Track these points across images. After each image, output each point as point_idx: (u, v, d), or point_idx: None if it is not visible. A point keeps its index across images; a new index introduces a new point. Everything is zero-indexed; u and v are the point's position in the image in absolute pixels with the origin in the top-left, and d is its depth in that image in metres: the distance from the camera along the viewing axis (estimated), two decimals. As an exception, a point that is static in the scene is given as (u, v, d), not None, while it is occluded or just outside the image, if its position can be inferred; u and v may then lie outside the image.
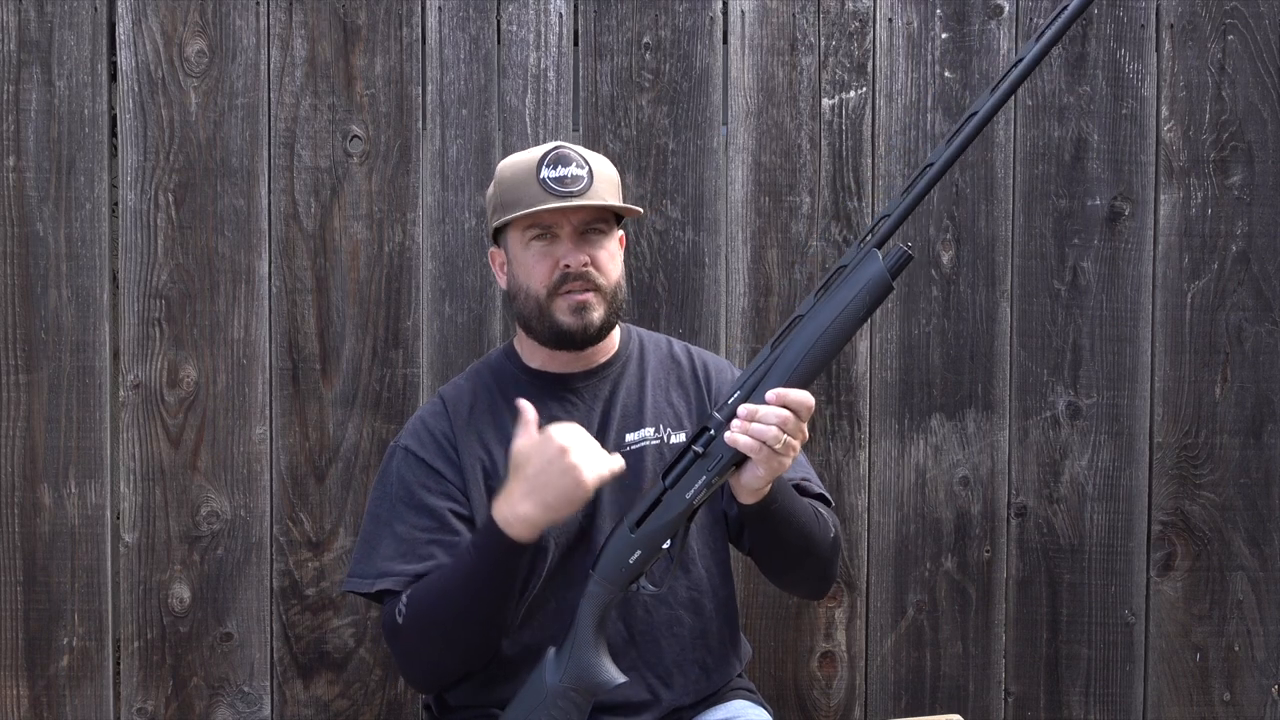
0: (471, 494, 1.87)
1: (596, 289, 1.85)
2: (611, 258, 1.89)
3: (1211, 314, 2.47)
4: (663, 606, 1.88)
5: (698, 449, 1.67)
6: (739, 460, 1.66)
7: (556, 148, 1.87)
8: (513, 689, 1.80)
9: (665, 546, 1.69)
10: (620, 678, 1.71)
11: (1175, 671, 2.49)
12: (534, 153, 1.88)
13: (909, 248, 1.63)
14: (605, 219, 1.89)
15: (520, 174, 1.87)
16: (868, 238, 1.64)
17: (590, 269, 1.85)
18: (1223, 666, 2.50)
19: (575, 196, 1.84)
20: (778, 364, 1.65)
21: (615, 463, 1.73)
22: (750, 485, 1.70)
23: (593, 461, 1.70)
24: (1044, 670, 2.48)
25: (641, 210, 1.97)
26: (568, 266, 1.84)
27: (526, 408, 1.76)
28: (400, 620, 1.79)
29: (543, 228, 1.85)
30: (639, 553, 1.69)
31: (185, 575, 2.34)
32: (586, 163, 1.87)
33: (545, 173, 1.84)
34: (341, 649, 2.36)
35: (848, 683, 2.45)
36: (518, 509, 1.70)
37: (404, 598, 1.80)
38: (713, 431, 1.67)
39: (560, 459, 1.69)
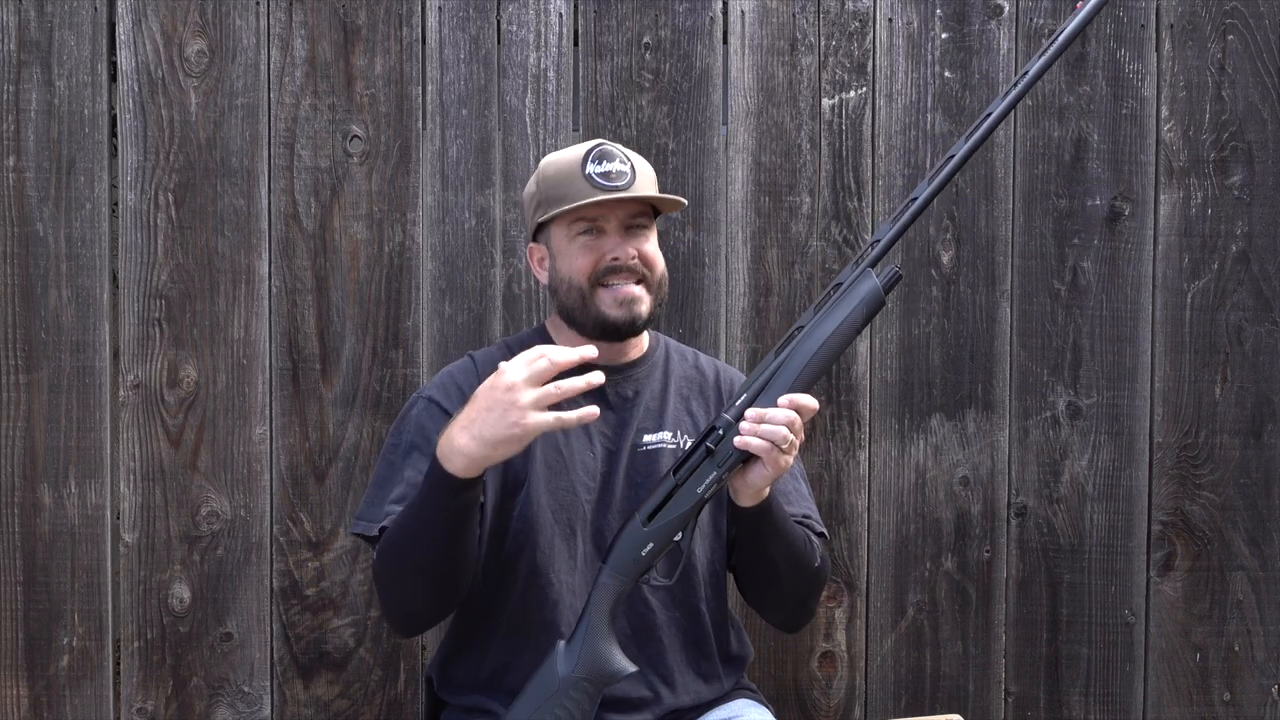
0: None
1: (644, 280, 1.89)
2: (656, 250, 1.93)
3: (1211, 314, 2.47)
4: (665, 609, 1.89)
5: (710, 445, 1.73)
6: (746, 458, 1.73)
7: (600, 145, 1.90)
8: (506, 662, 1.84)
9: (676, 539, 1.75)
10: (631, 667, 1.74)
11: (1175, 671, 2.49)
12: (577, 150, 1.91)
13: (899, 268, 1.76)
14: (646, 214, 1.92)
15: (565, 170, 1.89)
16: (861, 260, 1.75)
17: (638, 261, 1.89)
18: (1223, 666, 2.50)
19: (620, 191, 1.87)
20: (784, 371, 1.73)
21: (570, 414, 1.63)
22: (755, 484, 1.75)
23: (539, 403, 1.61)
24: (1044, 670, 2.48)
25: (685, 201, 1.99)
26: (616, 259, 1.87)
27: (590, 350, 1.68)
28: (374, 557, 1.82)
29: (589, 221, 1.88)
30: (651, 545, 1.74)
31: (185, 575, 2.34)
32: (629, 159, 1.90)
33: (591, 168, 1.87)
34: (341, 649, 2.36)
35: (848, 683, 2.45)
36: (455, 441, 1.65)
37: (377, 531, 1.82)
38: (722, 431, 1.73)
39: (505, 395, 1.61)
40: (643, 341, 1.98)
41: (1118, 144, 2.45)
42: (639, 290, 1.88)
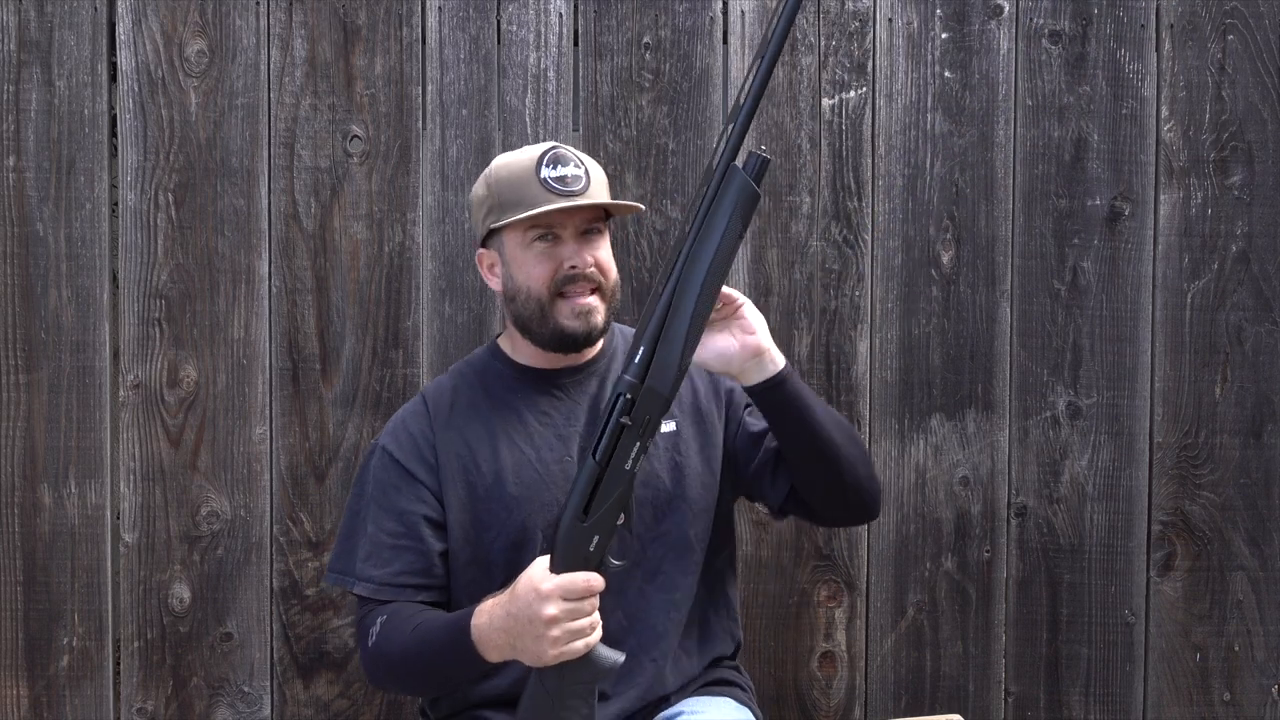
0: (447, 493, 1.88)
1: (599, 290, 1.87)
2: (609, 257, 1.90)
3: (1211, 314, 2.47)
4: (659, 593, 1.89)
5: (623, 420, 1.65)
6: (662, 415, 1.66)
7: (553, 148, 1.87)
8: (499, 684, 1.83)
9: (620, 522, 1.68)
10: (619, 656, 1.70)
11: (1175, 671, 2.49)
12: (528, 153, 1.88)
13: (764, 151, 1.65)
14: (601, 218, 1.90)
15: (518, 174, 1.86)
16: (715, 161, 1.64)
17: (595, 270, 1.86)
18: (1223, 666, 2.50)
19: (577, 196, 1.84)
20: (678, 311, 1.65)
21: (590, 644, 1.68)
22: (748, 348, 1.77)
23: (570, 638, 1.65)
24: (1044, 670, 2.48)
25: (643, 207, 1.94)
26: (574, 268, 1.84)
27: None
28: (370, 643, 1.83)
29: (545, 227, 1.85)
30: (596, 538, 1.67)
31: (185, 575, 2.34)
32: (583, 163, 1.88)
33: (546, 172, 1.84)
34: (341, 649, 2.36)
35: (848, 683, 2.45)
36: (493, 639, 1.69)
37: (378, 624, 1.82)
38: (629, 396, 1.65)
39: (544, 629, 1.64)
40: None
41: (1118, 144, 2.45)
42: (595, 301, 1.86)
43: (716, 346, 1.78)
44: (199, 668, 2.35)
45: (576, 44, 2.38)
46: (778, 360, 1.80)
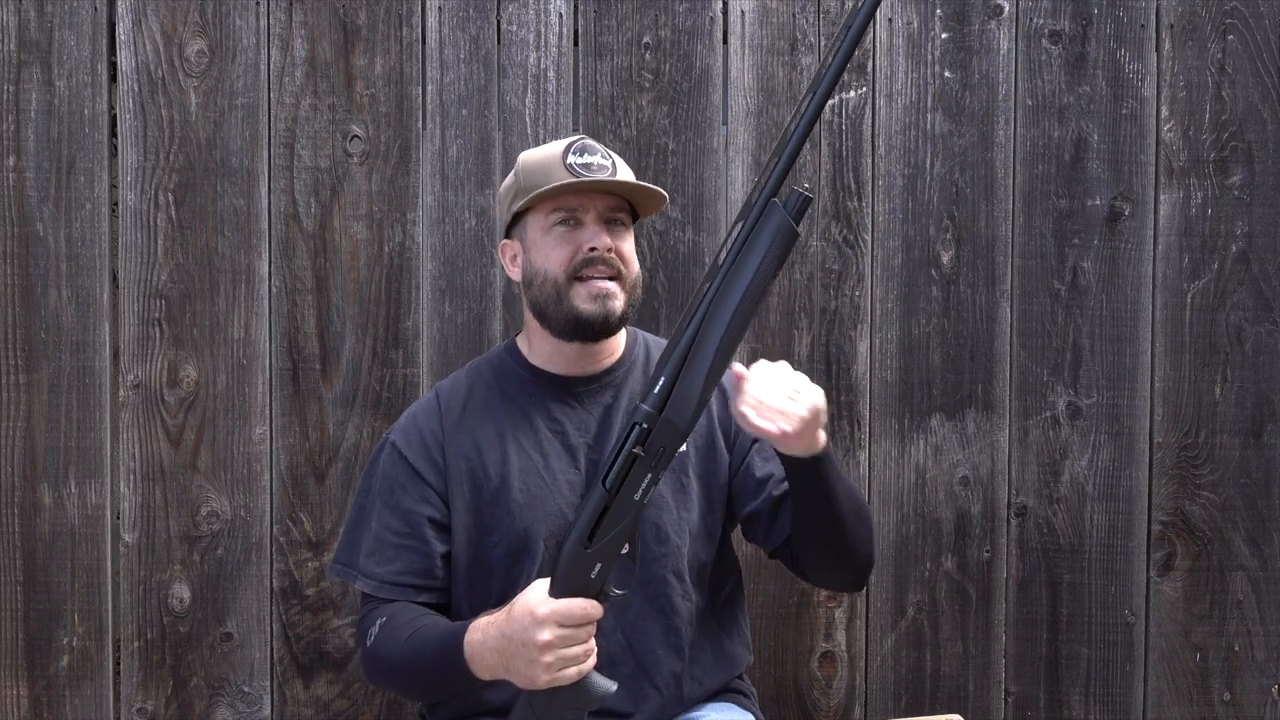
0: (453, 495, 1.87)
1: (618, 277, 1.84)
2: (633, 251, 1.89)
3: (1211, 314, 2.47)
4: (660, 617, 1.88)
5: (637, 451, 1.60)
6: (677, 448, 1.61)
7: (581, 138, 1.87)
8: (499, 693, 1.82)
9: (624, 551, 1.64)
10: (611, 686, 1.67)
11: (1175, 671, 2.49)
12: (558, 144, 1.88)
13: (806, 189, 1.59)
14: (626, 212, 1.89)
15: (545, 161, 1.86)
16: (755, 195, 1.58)
17: (614, 256, 1.84)
18: (1223, 666, 2.50)
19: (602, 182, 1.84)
20: (703, 342, 1.58)
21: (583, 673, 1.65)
22: (796, 447, 1.70)
23: (563, 664, 1.62)
24: (1044, 670, 2.48)
25: (666, 195, 1.92)
26: (593, 250, 1.82)
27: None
28: (368, 643, 1.83)
29: (567, 211, 1.84)
30: (599, 565, 1.63)
31: (185, 575, 2.34)
32: (610, 155, 1.88)
33: (572, 159, 1.84)
34: (341, 649, 2.36)
35: (848, 683, 2.45)
36: (486, 660, 1.68)
37: (378, 625, 1.81)
38: (646, 426, 1.60)
39: (537, 654, 1.61)
40: (618, 346, 1.94)
41: (1118, 144, 2.45)
42: (614, 286, 1.83)
43: (768, 430, 1.68)
44: (199, 668, 2.35)
45: (576, 44, 2.38)
46: (818, 444, 1.73)
